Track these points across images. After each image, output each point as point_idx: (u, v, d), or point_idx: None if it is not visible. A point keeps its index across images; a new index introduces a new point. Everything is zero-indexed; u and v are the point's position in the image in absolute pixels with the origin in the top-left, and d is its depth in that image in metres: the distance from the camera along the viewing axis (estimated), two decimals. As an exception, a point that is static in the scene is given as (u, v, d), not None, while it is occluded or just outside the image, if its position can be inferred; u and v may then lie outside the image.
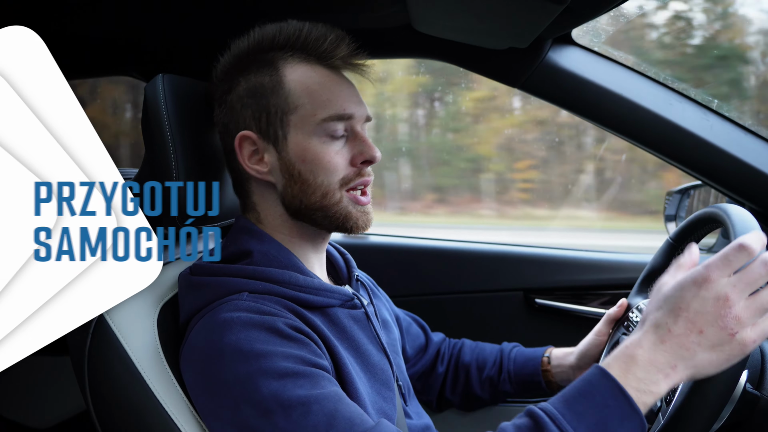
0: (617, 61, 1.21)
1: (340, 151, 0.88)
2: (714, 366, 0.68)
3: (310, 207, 0.88)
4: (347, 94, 0.89)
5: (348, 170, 0.88)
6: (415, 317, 1.24)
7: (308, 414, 0.70)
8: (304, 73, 0.88)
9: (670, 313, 0.69)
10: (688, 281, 0.69)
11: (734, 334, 0.66)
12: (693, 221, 1.00)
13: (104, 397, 0.85)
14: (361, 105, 0.91)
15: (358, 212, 0.89)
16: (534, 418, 0.69)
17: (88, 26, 1.26)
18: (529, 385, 1.15)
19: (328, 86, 0.88)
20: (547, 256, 1.63)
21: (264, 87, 0.88)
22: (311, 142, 0.87)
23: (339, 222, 0.89)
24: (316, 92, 0.87)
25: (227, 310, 0.79)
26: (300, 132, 0.87)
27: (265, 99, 0.88)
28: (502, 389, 1.17)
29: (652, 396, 0.67)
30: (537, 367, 1.15)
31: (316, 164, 0.87)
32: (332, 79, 0.90)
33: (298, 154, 0.87)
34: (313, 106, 0.87)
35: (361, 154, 0.88)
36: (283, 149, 0.88)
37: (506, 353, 1.19)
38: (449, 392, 1.21)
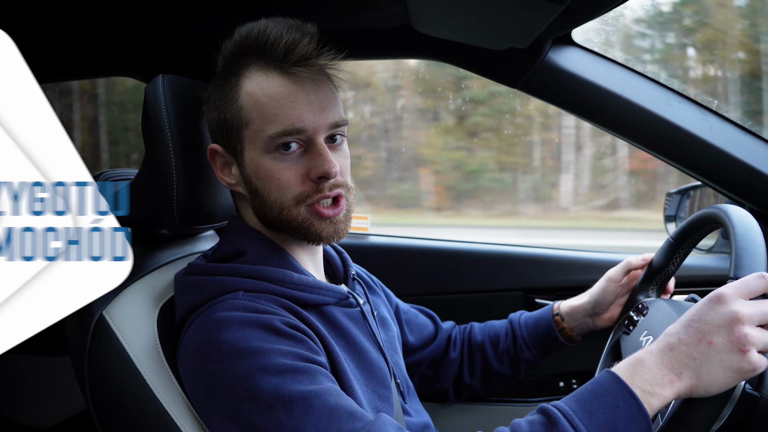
0: (617, 62, 1.21)
1: (294, 166, 0.84)
2: (719, 382, 0.68)
3: (272, 220, 0.87)
4: (301, 105, 0.83)
5: (303, 187, 0.84)
6: (422, 308, 1.24)
7: (309, 409, 0.71)
8: (258, 84, 0.84)
9: (683, 324, 0.71)
10: (705, 299, 0.71)
11: (745, 352, 0.67)
12: (693, 221, 1.00)
13: (104, 397, 0.85)
14: (323, 113, 0.84)
15: (321, 224, 0.85)
16: (547, 414, 0.70)
17: (88, 27, 1.26)
18: (546, 343, 1.15)
19: (278, 98, 0.83)
20: (547, 256, 1.63)
21: (225, 100, 0.86)
22: (263, 158, 0.84)
23: (302, 234, 0.87)
24: (264, 106, 0.83)
25: (223, 309, 0.79)
26: (252, 148, 0.85)
27: (224, 112, 0.86)
28: (522, 358, 1.16)
29: (658, 399, 0.69)
30: (549, 323, 1.15)
31: (267, 181, 0.84)
32: (286, 89, 0.83)
33: (253, 170, 0.85)
34: (261, 122, 0.83)
35: (314, 169, 0.83)
36: (242, 164, 0.87)
37: (515, 322, 1.19)
38: (468, 377, 1.19)
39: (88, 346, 0.86)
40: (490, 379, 1.20)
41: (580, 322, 1.15)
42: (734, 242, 0.79)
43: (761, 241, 0.79)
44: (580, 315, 1.14)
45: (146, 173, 0.94)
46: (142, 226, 0.99)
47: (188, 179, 0.90)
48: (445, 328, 1.22)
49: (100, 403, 0.86)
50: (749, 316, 0.68)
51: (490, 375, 1.19)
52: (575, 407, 0.69)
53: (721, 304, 0.69)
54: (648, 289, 1.10)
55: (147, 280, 0.95)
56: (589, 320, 1.14)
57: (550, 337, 1.15)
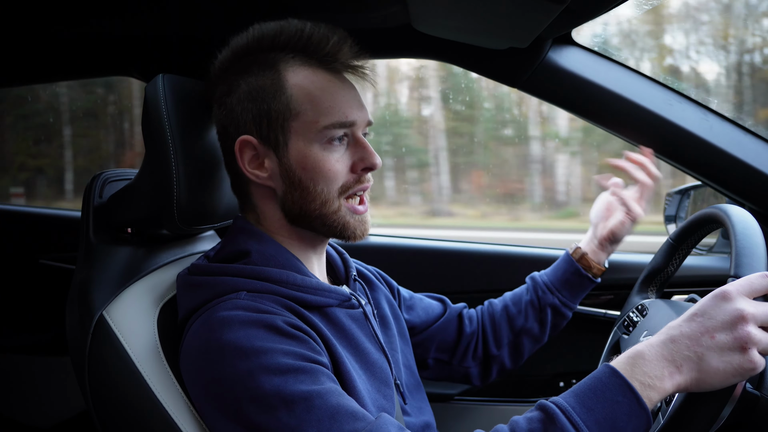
0: (617, 61, 1.21)
1: (341, 158, 0.87)
2: (719, 378, 0.68)
3: (308, 214, 0.88)
4: (349, 100, 0.88)
5: (347, 177, 0.87)
6: (432, 294, 1.24)
7: (311, 408, 0.71)
8: (306, 77, 0.87)
9: (686, 318, 0.71)
10: (709, 295, 0.71)
11: (746, 349, 0.67)
12: (693, 222, 1.00)
13: (104, 397, 0.85)
14: (363, 110, 0.89)
15: (355, 221, 0.89)
16: (545, 410, 0.70)
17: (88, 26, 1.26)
18: (573, 282, 1.17)
19: (330, 92, 0.86)
20: (547, 256, 1.63)
21: (265, 91, 0.87)
22: (312, 149, 0.86)
23: (336, 231, 0.89)
24: (318, 98, 0.86)
25: (225, 308, 0.79)
26: (301, 138, 0.86)
27: (266, 104, 0.87)
28: (548, 303, 1.17)
29: (657, 392, 0.68)
30: (570, 261, 1.17)
31: (316, 172, 0.86)
32: (334, 84, 0.88)
33: (299, 161, 0.86)
34: (315, 113, 0.85)
35: (362, 160, 0.88)
36: (283, 155, 0.87)
37: (536, 275, 1.21)
38: (495, 348, 1.19)
39: (88, 346, 0.86)
40: (519, 342, 1.19)
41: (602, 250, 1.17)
42: (734, 241, 0.79)
43: (761, 241, 0.79)
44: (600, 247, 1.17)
45: (146, 173, 0.94)
46: (143, 226, 0.99)
47: (188, 179, 0.90)
48: (454, 306, 1.22)
49: (100, 403, 0.86)
50: (753, 316, 0.68)
51: (519, 336, 1.18)
52: (574, 403, 0.69)
53: (726, 300, 0.69)
54: (648, 290, 1.10)
55: (147, 280, 0.95)
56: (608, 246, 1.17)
57: (574, 274, 1.16)
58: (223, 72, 0.91)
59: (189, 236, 1.10)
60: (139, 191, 0.95)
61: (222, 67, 0.91)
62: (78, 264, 0.95)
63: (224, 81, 0.90)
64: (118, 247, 0.96)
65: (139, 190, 0.95)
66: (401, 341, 1.06)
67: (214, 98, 0.92)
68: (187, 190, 0.90)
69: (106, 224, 0.97)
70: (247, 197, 0.93)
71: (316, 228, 0.89)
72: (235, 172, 0.92)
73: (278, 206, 0.90)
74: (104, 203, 0.98)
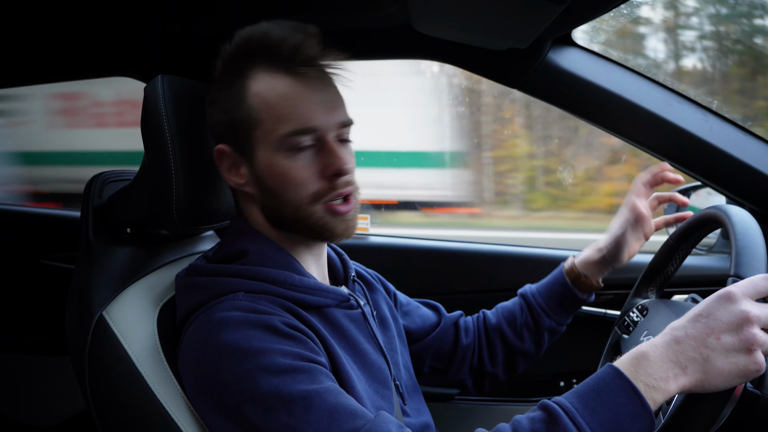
0: (617, 62, 1.21)
1: (307, 165, 0.84)
2: (724, 379, 0.68)
3: (285, 219, 0.87)
4: (312, 104, 0.84)
5: (319, 184, 0.85)
6: (427, 300, 1.23)
7: (310, 408, 0.71)
8: (266, 84, 0.84)
9: (690, 319, 0.71)
10: (713, 296, 0.71)
11: (752, 351, 0.67)
12: (693, 222, 1.00)
13: (104, 397, 0.85)
14: (332, 113, 0.85)
15: (335, 221, 0.86)
16: (548, 411, 0.70)
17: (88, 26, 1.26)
18: (567, 304, 1.14)
19: (288, 98, 0.83)
20: (547, 256, 1.63)
21: (231, 101, 0.87)
22: (276, 157, 0.84)
23: (315, 232, 0.87)
24: (275, 106, 0.83)
25: (223, 309, 0.79)
26: (265, 147, 0.85)
27: (232, 114, 0.86)
28: (543, 326, 1.14)
29: (661, 393, 0.68)
30: (564, 283, 1.13)
31: (282, 180, 0.84)
32: (295, 89, 0.84)
33: (266, 170, 0.86)
34: (273, 122, 0.83)
35: (329, 166, 0.84)
36: (253, 163, 0.87)
37: (528, 293, 1.17)
38: (489, 365, 1.18)
39: (88, 346, 0.86)
40: (513, 361, 1.18)
41: (600, 271, 1.13)
42: (734, 241, 0.79)
43: (761, 241, 0.79)
44: (600, 266, 1.12)
45: (146, 174, 0.94)
46: (142, 226, 0.99)
47: (188, 180, 0.90)
48: (449, 316, 1.20)
49: (100, 403, 0.86)
50: (758, 317, 0.68)
51: (513, 356, 1.17)
52: (577, 403, 0.69)
53: (731, 302, 0.69)
54: (648, 290, 1.10)
55: (147, 280, 0.95)
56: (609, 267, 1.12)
57: (569, 297, 1.13)
58: (212, 79, 0.91)
59: (188, 236, 1.10)
60: (138, 191, 0.95)
61: (213, 74, 0.91)
62: (78, 264, 0.95)
63: (210, 88, 0.91)
64: (117, 248, 0.96)
65: (138, 191, 0.95)
66: (400, 343, 1.06)
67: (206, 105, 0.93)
68: (186, 191, 0.90)
69: (105, 224, 0.97)
70: (237, 201, 0.94)
71: (297, 231, 0.89)
72: None
73: (260, 212, 0.90)
74: (104, 203, 0.98)
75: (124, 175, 1.04)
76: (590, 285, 1.13)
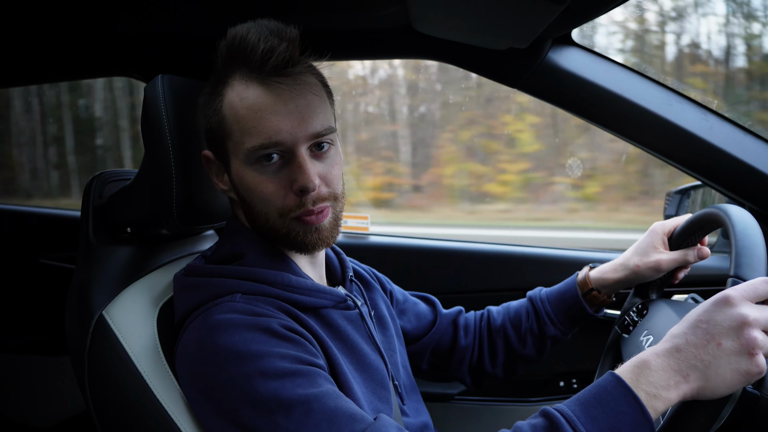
0: (617, 62, 1.21)
1: (276, 178, 0.83)
2: (726, 385, 0.67)
3: (260, 229, 0.88)
4: (279, 117, 0.81)
5: (286, 200, 0.83)
6: (424, 294, 1.22)
7: (309, 412, 0.70)
8: (238, 94, 0.82)
9: (690, 326, 0.70)
10: (711, 300, 0.71)
11: (754, 355, 0.67)
12: (693, 222, 1.00)
13: (104, 397, 0.85)
14: (303, 124, 0.81)
15: (306, 231, 0.85)
16: (549, 418, 0.70)
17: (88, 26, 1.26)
18: (574, 316, 1.12)
19: (256, 110, 0.81)
20: (547, 256, 1.63)
21: (210, 109, 0.86)
22: (245, 170, 0.84)
23: (288, 244, 0.87)
24: (243, 119, 0.82)
25: (221, 311, 0.79)
26: (236, 158, 0.84)
27: (210, 122, 0.87)
28: (547, 335, 1.13)
29: (662, 402, 0.68)
30: (576, 296, 1.11)
31: (251, 192, 0.84)
32: (264, 100, 0.81)
33: (238, 180, 0.86)
34: (241, 134, 0.82)
35: (294, 182, 0.82)
36: (230, 173, 0.87)
37: (537, 299, 1.15)
38: (489, 366, 1.17)
39: (88, 346, 0.86)
40: (514, 364, 1.17)
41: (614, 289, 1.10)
42: (734, 241, 0.79)
43: (761, 241, 0.79)
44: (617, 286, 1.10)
45: (146, 173, 0.94)
46: (142, 226, 0.99)
47: (187, 179, 0.90)
48: (446, 313, 1.20)
49: (99, 403, 0.86)
50: (757, 320, 0.68)
51: (515, 360, 1.17)
52: (578, 411, 0.69)
53: (729, 305, 0.69)
54: (648, 290, 1.10)
55: (147, 280, 0.95)
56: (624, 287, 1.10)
57: (578, 310, 1.11)
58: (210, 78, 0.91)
59: (188, 236, 1.10)
60: (138, 191, 0.95)
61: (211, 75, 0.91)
62: (78, 264, 0.95)
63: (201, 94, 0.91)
64: (117, 247, 0.96)
65: (138, 190, 0.95)
66: (398, 342, 1.06)
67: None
68: (186, 190, 0.90)
69: (105, 224, 0.97)
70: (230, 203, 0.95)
71: (272, 240, 0.88)
72: None
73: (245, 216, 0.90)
74: (104, 203, 0.98)
75: (124, 175, 1.04)
76: (601, 300, 1.11)
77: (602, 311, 1.14)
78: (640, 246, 1.07)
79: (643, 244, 1.07)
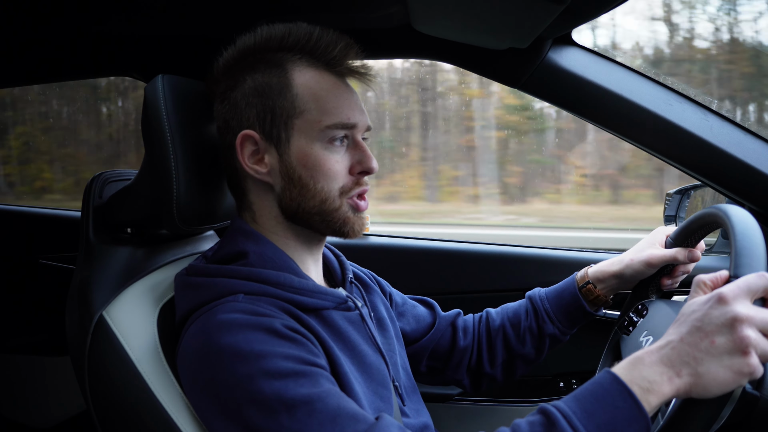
0: (617, 62, 1.21)
1: (341, 159, 0.89)
2: (719, 384, 0.67)
3: (308, 211, 0.89)
4: (352, 103, 0.90)
5: (347, 179, 0.89)
6: (423, 298, 1.23)
7: (313, 412, 0.71)
8: (312, 77, 0.89)
9: (684, 324, 0.71)
10: (705, 298, 0.71)
11: (747, 353, 0.67)
12: (693, 222, 1.00)
13: (104, 397, 0.85)
14: (363, 114, 0.91)
15: (355, 218, 0.90)
16: (546, 414, 0.70)
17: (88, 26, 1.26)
18: (574, 314, 1.13)
19: (334, 93, 0.89)
20: (547, 256, 1.63)
21: (271, 87, 0.88)
22: (314, 147, 0.87)
23: (336, 227, 0.90)
24: (323, 98, 0.88)
25: (223, 311, 0.79)
26: (304, 136, 0.87)
27: (271, 100, 0.88)
28: (546, 333, 1.14)
29: (656, 396, 0.68)
30: (575, 293, 1.12)
31: (317, 170, 0.87)
32: (338, 87, 0.90)
33: (300, 159, 0.87)
34: (319, 112, 0.87)
35: (360, 163, 0.89)
36: (285, 152, 0.88)
37: (536, 297, 1.17)
38: (488, 366, 1.18)
39: (88, 346, 0.86)
40: (512, 364, 1.18)
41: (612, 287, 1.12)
42: (734, 241, 0.79)
43: (761, 241, 0.79)
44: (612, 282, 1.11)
45: (146, 173, 0.94)
46: (142, 226, 0.99)
47: (188, 179, 0.90)
48: (445, 315, 1.20)
49: (100, 403, 0.86)
50: (751, 318, 0.68)
51: (513, 359, 1.17)
52: (575, 407, 0.70)
53: (722, 303, 0.69)
54: (647, 290, 1.10)
55: (147, 280, 0.95)
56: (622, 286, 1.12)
57: (576, 307, 1.12)
58: (228, 69, 0.92)
59: (189, 236, 1.10)
60: (138, 191, 0.95)
61: (227, 64, 0.92)
62: (78, 264, 0.95)
63: (229, 77, 0.91)
64: (117, 248, 0.96)
65: (138, 191, 0.95)
66: (398, 343, 1.06)
67: (217, 93, 0.93)
68: (186, 190, 0.90)
69: (105, 224, 0.97)
70: (243, 194, 0.93)
71: (314, 224, 0.90)
72: (233, 168, 0.92)
73: (275, 203, 0.90)
74: (104, 203, 0.98)
75: (124, 175, 1.04)
76: (596, 294, 1.12)
77: (601, 310, 1.15)
78: (639, 244, 1.10)
79: (643, 241, 1.10)
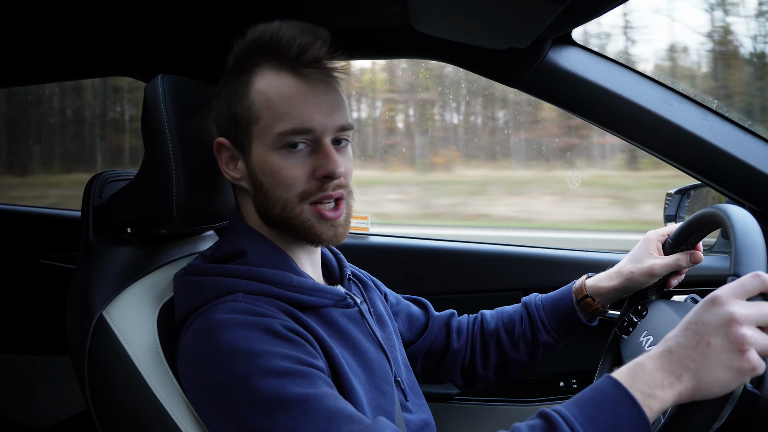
0: (617, 61, 1.21)
1: (300, 164, 0.85)
2: (720, 384, 0.68)
3: (273, 217, 0.88)
4: (311, 106, 0.85)
5: (308, 184, 0.85)
6: (418, 298, 1.22)
7: (308, 411, 0.71)
8: (270, 82, 0.86)
9: (681, 328, 0.71)
10: (702, 302, 0.71)
11: (744, 351, 0.67)
12: (693, 222, 1.00)
13: (104, 397, 0.85)
14: (331, 115, 0.86)
15: (322, 226, 0.87)
16: (547, 419, 0.70)
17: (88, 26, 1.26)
18: (568, 324, 1.12)
19: (289, 97, 0.84)
20: (547, 256, 1.63)
21: (235, 95, 0.88)
22: (270, 154, 0.85)
23: (302, 234, 0.88)
24: (275, 104, 0.85)
25: (223, 311, 0.79)
26: (261, 144, 0.86)
27: (234, 108, 0.87)
28: (540, 341, 1.13)
29: (658, 401, 0.68)
30: (570, 304, 1.11)
31: (273, 177, 0.85)
32: (297, 89, 0.85)
33: (260, 166, 0.87)
34: (271, 119, 0.85)
35: (321, 168, 0.85)
36: (249, 159, 0.88)
37: (531, 304, 1.16)
38: (481, 368, 1.17)
39: (88, 346, 0.86)
40: (505, 368, 1.18)
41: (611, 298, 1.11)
42: (734, 241, 0.79)
43: (761, 240, 0.79)
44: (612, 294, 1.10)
45: (146, 173, 0.94)
46: (142, 226, 0.99)
47: (188, 179, 0.90)
48: (439, 316, 1.20)
49: (100, 403, 0.86)
50: (746, 317, 0.68)
51: (506, 364, 1.17)
52: (576, 412, 0.69)
53: (717, 305, 0.69)
54: (647, 290, 1.10)
55: (147, 280, 0.95)
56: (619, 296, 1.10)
57: (572, 318, 1.11)
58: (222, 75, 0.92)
59: (189, 236, 1.10)
60: (138, 191, 0.95)
61: (224, 68, 0.92)
62: (78, 264, 0.95)
63: (220, 82, 0.92)
64: (117, 247, 0.96)
65: (138, 191, 0.95)
66: (397, 340, 1.06)
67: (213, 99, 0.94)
68: (186, 190, 0.90)
69: (105, 224, 0.97)
70: (234, 197, 0.95)
71: (285, 230, 0.89)
72: None
73: (254, 208, 0.91)
74: (104, 203, 0.98)
75: (124, 175, 1.04)
76: (595, 308, 1.11)
77: (596, 321, 1.14)
78: (634, 254, 1.08)
79: (637, 251, 1.08)
